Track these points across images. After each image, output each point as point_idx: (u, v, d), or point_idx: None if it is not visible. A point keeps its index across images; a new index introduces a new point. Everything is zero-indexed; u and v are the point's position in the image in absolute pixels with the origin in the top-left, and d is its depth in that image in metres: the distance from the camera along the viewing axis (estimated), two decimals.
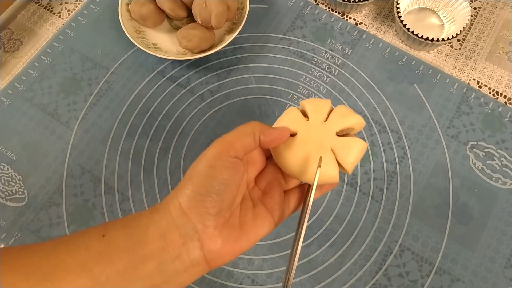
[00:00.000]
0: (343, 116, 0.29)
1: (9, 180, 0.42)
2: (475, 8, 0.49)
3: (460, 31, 0.44)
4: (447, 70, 0.47)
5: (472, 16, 0.49)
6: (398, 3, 0.45)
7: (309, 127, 0.29)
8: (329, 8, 0.50)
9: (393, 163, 0.42)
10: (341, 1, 0.46)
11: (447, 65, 0.47)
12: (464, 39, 0.48)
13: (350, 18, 0.50)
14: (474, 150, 0.43)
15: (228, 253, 0.25)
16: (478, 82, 0.46)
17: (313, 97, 0.45)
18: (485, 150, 0.43)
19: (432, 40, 0.44)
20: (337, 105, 0.30)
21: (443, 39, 0.44)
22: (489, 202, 0.40)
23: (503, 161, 0.42)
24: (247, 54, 0.47)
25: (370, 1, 0.46)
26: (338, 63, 0.47)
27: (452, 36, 0.44)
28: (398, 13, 0.45)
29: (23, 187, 0.42)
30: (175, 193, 0.25)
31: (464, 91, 0.45)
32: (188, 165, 0.43)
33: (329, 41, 0.48)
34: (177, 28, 0.47)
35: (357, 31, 0.48)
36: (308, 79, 0.46)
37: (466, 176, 0.42)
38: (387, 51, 0.47)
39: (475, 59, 0.47)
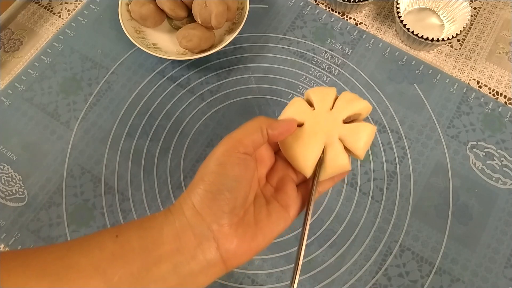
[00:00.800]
0: (348, 102, 0.29)
1: (9, 180, 0.42)
2: (475, 8, 0.49)
3: (460, 31, 0.44)
4: (447, 70, 0.47)
5: (472, 16, 0.49)
6: (398, 3, 0.45)
7: (315, 116, 0.29)
8: (329, 8, 0.50)
9: (393, 163, 0.42)
10: (341, 1, 0.46)
11: (447, 65, 0.47)
12: (464, 39, 0.48)
13: (350, 18, 0.50)
14: (474, 150, 0.43)
15: (245, 252, 0.25)
16: (478, 82, 0.46)
17: None
18: (485, 150, 0.43)
19: (432, 40, 0.44)
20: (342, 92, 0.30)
21: (443, 39, 0.44)
22: (489, 202, 0.40)
23: (503, 161, 0.42)
24: (247, 54, 0.47)
25: (370, 1, 0.46)
26: (338, 63, 0.47)
27: (452, 36, 0.44)
28: (398, 13, 0.45)
29: (23, 187, 0.42)
30: (188, 193, 0.25)
31: (464, 91, 0.45)
32: (188, 165, 0.43)
33: (329, 41, 0.48)
34: (177, 28, 0.47)
35: (357, 31, 0.48)
36: (308, 79, 0.46)
37: (466, 176, 0.42)
38: (387, 51, 0.47)
39: (475, 59, 0.47)
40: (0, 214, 0.41)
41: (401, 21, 0.45)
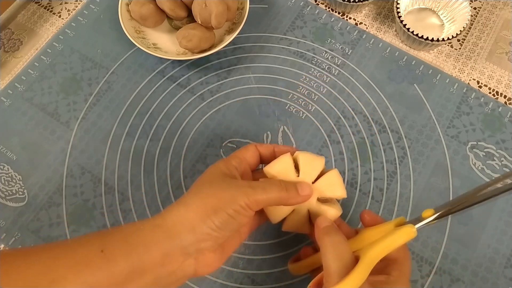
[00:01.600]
0: (331, 186, 0.31)
1: (9, 180, 0.42)
2: (475, 8, 0.49)
3: (460, 31, 0.44)
4: (447, 70, 0.47)
5: (472, 16, 0.49)
6: (398, 3, 0.45)
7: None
8: (329, 8, 0.50)
9: (393, 163, 0.42)
10: (341, 1, 0.46)
11: (447, 65, 0.47)
12: (464, 39, 0.48)
13: (350, 18, 0.50)
14: (474, 150, 0.43)
15: (216, 265, 0.28)
16: (478, 82, 0.46)
17: (313, 97, 0.45)
18: (485, 150, 0.43)
19: (432, 40, 0.44)
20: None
21: (443, 39, 0.44)
22: (489, 202, 0.40)
23: (503, 161, 0.42)
24: (247, 54, 0.47)
25: (370, 1, 0.46)
26: (338, 63, 0.47)
27: (452, 36, 0.44)
28: (398, 13, 0.45)
29: (23, 187, 0.42)
30: (182, 207, 0.27)
31: (464, 91, 0.45)
32: (188, 165, 0.43)
33: (329, 41, 0.48)
34: (177, 28, 0.47)
35: (357, 31, 0.48)
36: (308, 79, 0.46)
37: (466, 176, 0.42)
38: (387, 51, 0.47)
39: (475, 59, 0.47)
40: (0, 214, 0.41)
41: (401, 21, 0.45)
